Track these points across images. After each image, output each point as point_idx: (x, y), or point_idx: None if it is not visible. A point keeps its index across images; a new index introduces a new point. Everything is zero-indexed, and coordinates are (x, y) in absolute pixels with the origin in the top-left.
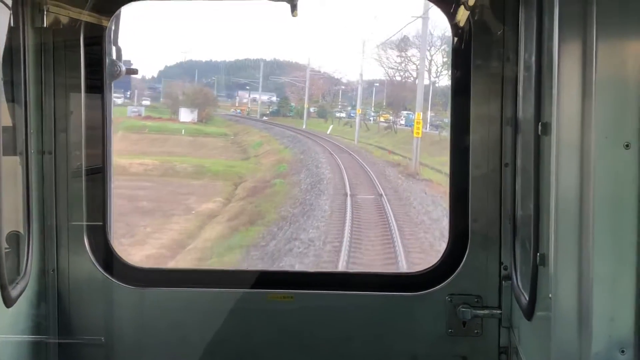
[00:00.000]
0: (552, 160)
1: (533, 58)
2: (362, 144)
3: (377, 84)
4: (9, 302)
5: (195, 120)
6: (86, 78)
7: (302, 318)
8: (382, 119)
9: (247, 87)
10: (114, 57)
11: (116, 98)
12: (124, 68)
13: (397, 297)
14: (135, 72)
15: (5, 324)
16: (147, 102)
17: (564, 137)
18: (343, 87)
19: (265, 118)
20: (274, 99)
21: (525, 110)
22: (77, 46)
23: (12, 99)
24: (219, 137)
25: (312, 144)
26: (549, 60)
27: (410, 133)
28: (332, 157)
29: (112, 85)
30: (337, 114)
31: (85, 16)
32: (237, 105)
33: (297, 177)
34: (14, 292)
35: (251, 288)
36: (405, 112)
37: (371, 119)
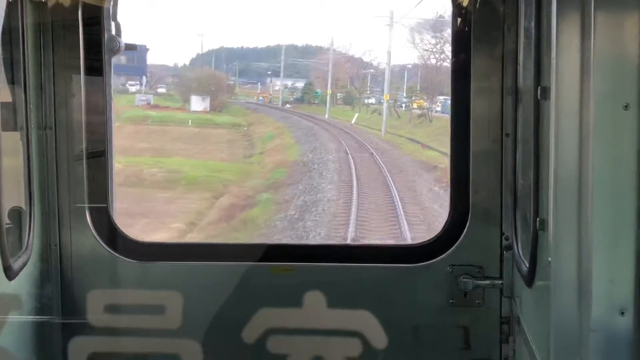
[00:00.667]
0: (551, 124)
1: (532, 24)
2: (391, 136)
3: (410, 67)
4: (11, 275)
5: (208, 109)
6: (85, 55)
7: (303, 290)
8: (415, 106)
9: (269, 73)
10: (113, 32)
11: (131, 85)
12: (123, 44)
13: (399, 269)
14: (134, 47)
15: (8, 301)
16: (162, 90)
17: (563, 100)
18: (372, 70)
19: (288, 106)
20: (299, 84)
21: (525, 78)
22: (76, 21)
23: (11, 75)
24: (229, 128)
25: (328, 137)
26: (548, 26)
27: (447, 122)
28: (347, 159)
29: (112, 60)
30: (366, 101)
31: None
32: (259, 92)
33: (292, 190)
34: (15, 266)
35: (253, 261)
36: (442, 97)
37: (402, 105)
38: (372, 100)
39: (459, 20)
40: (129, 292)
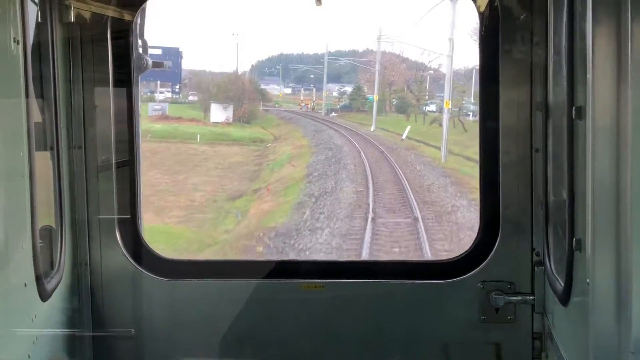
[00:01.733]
0: (587, 144)
1: (564, 41)
2: (455, 159)
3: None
4: (44, 296)
5: (230, 119)
6: (114, 72)
7: (333, 307)
8: None
9: (312, 77)
10: (140, 50)
11: (160, 93)
12: (150, 61)
13: (429, 285)
14: (161, 65)
15: (42, 317)
16: (194, 97)
17: (599, 121)
18: (432, 71)
19: (333, 114)
20: (348, 89)
21: (556, 94)
22: (104, 40)
23: (41, 94)
24: (246, 145)
25: (356, 165)
26: (581, 43)
27: None
28: (370, 226)
29: (139, 78)
30: (424, 108)
31: (112, 11)
32: (302, 99)
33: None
34: (49, 286)
35: (281, 278)
36: None
37: (470, 114)
38: (432, 108)
39: (487, 33)
40: (157, 309)
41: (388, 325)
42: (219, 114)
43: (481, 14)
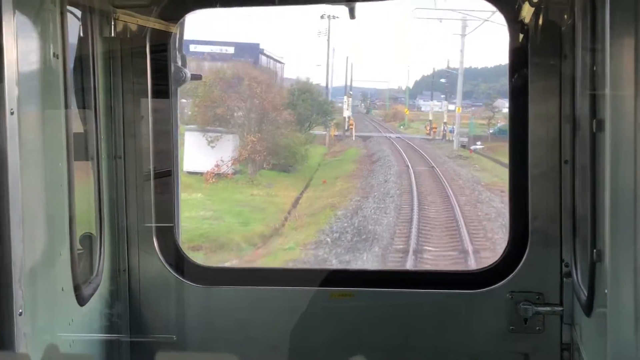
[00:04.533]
0: (607, 156)
1: (588, 55)
2: None
3: None
4: (82, 301)
5: (229, 165)
6: (153, 84)
7: (363, 315)
8: None
9: (443, 96)
10: (179, 63)
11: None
12: (189, 74)
13: (458, 295)
14: (199, 77)
15: (80, 323)
16: None
17: (618, 133)
18: None
19: (477, 145)
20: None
21: (582, 107)
22: (144, 53)
23: (82, 105)
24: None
25: None
26: (601, 56)
27: None
28: None
29: (178, 90)
30: None
31: (152, 24)
32: (429, 122)
33: None
34: (87, 292)
35: (313, 286)
36: None
37: None
38: None
39: (516, 45)
40: (193, 315)
41: (417, 335)
42: (198, 154)
43: (510, 27)
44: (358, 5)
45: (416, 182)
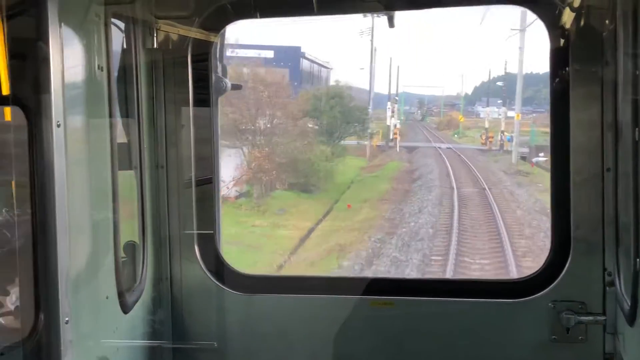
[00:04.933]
0: None
1: (630, 61)
2: None
3: None
4: (126, 309)
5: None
6: (194, 94)
7: (403, 324)
8: None
9: (500, 101)
10: (220, 73)
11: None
12: (229, 84)
13: (499, 304)
14: (239, 87)
15: (124, 330)
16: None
17: None
18: None
19: (541, 158)
20: None
21: (624, 113)
22: (185, 63)
23: (126, 115)
24: None
25: None
26: None
27: None
28: None
29: (218, 99)
30: None
31: (193, 34)
32: (486, 129)
33: None
34: (130, 299)
35: (354, 294)
36: None
37: None
38: None
39: (557, 52)
40: (234, 322)
41: (458, 344)
42: None
43: (551, 33)
44: (397, 13)
45: (459, 213)
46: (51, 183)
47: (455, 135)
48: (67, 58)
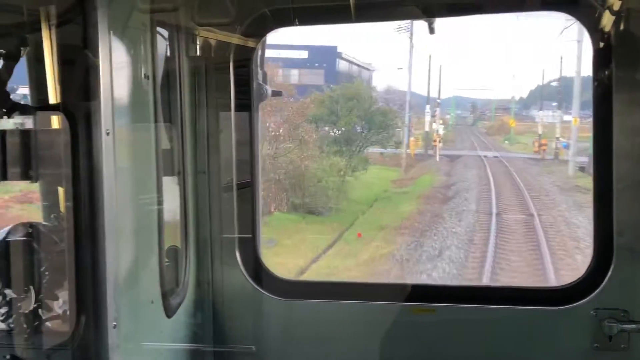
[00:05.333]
0: None
1: None
2: None
3: None
4: (170, 313)
5: None
6: (236, 100)
7: (444, 331)
8: None
9: (555, 104)
10: (260, 80)
11: None
12: (269, 90)
13: (540, 312)
14: (280, 94)
15: (167, 333)
16: None
17: None
18: None
19: None
20: None
21: None
22: (227, 70)
23: (170, 122)
24: None
25: None
26: None
27: None
28: None
29: (259, 105)
30: None
31: (236, 39)
32: (537, 139)
33: None
34: (174, 303)
35: (395, 301)
36: None
37: None
38: None
39: (600, 57)
40: (274, 327)
41: (498, 352)
42: None
43: (592, 37)
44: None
45: (493, 260)
46: (100, 190)
47: (506, 142)
48: (115, 66)
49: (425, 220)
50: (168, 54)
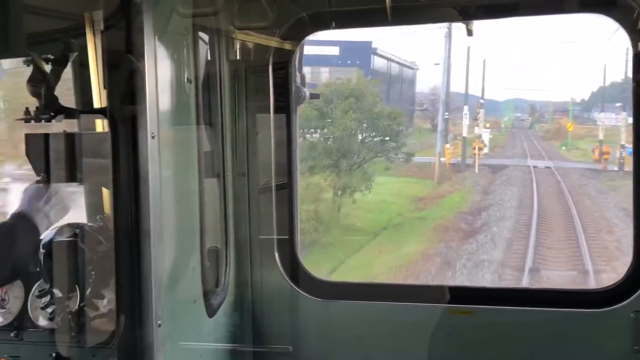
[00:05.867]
0: None
1: None
2: None
3: None
4: (211, 313)
5: None
6: (275, 103)
7: (483, 333)
8: None
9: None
10: (298, 82)
11: None
12: (307, 93)
13: (580, 314)
14: (317, 97)
15: (208, 333)
16: None
17: None
18: None
19: None
20: None
21: None
22: (266, 73)
23: (210, 125)
24: None
25: None
26: None
27: None
28: None
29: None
30: None
31: (275, 44)
32: (597, 147)
33: None
34: (214, 303)
35: (433, 302)
36: None
37: None
38: None
39: (638, 57)
40: (313, 328)
41: (537, 354)
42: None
43: (631, 38)
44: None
45: None
46: (146, 192)
47: (563, 148)
48: (160, 72)
49: (424, 271)
50: (208, 57)
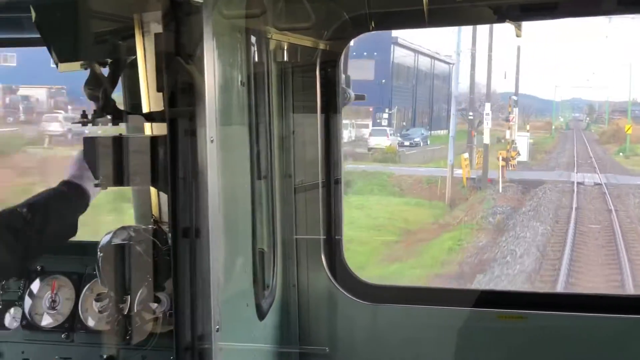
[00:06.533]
0: None
1: None
2: None
3: None
4: (261, 316)
5: None
6: (321, 104)
7: (533, 339)
8: None
9: None
10: (343, 84)
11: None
12: (352, 94)
13: (634, 320)
14: (363, 98)
15: (260, 336)
16: None
17: None
18: None
19: None
20: None
21: None
22: (313, 75)
23: (260, 128)
24: None
25: None
26: None
27: None
28: None
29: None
30: None
31: (321, 46)
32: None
33: None
34: (264, 305)
35: (482, 307)
36: None
37: None
38: None
39: None
40: (358, 331)
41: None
42: None
43: None
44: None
45: None
46: (204, 195)
47: (620, 154)
48: (217, 74)
49: None
50: (256, 59)
